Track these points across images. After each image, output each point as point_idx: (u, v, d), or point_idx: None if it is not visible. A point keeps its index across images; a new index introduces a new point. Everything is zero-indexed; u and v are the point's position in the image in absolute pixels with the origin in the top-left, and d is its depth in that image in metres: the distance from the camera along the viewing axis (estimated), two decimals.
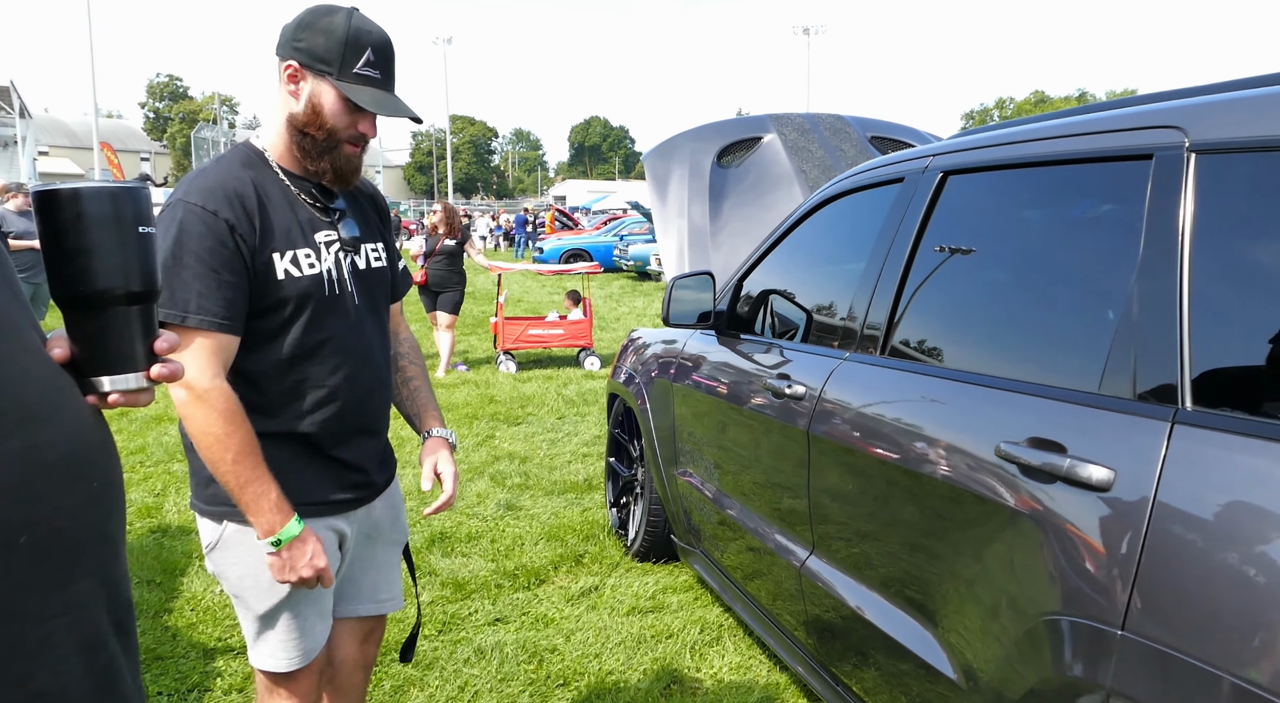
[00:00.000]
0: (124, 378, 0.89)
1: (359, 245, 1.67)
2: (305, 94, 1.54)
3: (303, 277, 1.56)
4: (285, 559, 1.52)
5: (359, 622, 1.84)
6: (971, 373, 1.72)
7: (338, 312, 1.61)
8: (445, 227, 8.07)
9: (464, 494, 4.63)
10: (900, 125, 4.35)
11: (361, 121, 1.57)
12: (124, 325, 0.89)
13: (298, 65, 1.53)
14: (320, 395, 1.60)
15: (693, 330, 3.17)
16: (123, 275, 0.88)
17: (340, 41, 1.51)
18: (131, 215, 0.89)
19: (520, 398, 7.08)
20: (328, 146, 1.56)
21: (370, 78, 1.54)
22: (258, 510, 1.48)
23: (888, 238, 2.14)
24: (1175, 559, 1.16)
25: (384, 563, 1.83)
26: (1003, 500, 1.49)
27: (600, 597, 3.38)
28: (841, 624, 2.08)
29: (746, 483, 2.69)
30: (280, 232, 1.55)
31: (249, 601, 1.62)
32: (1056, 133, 1.67)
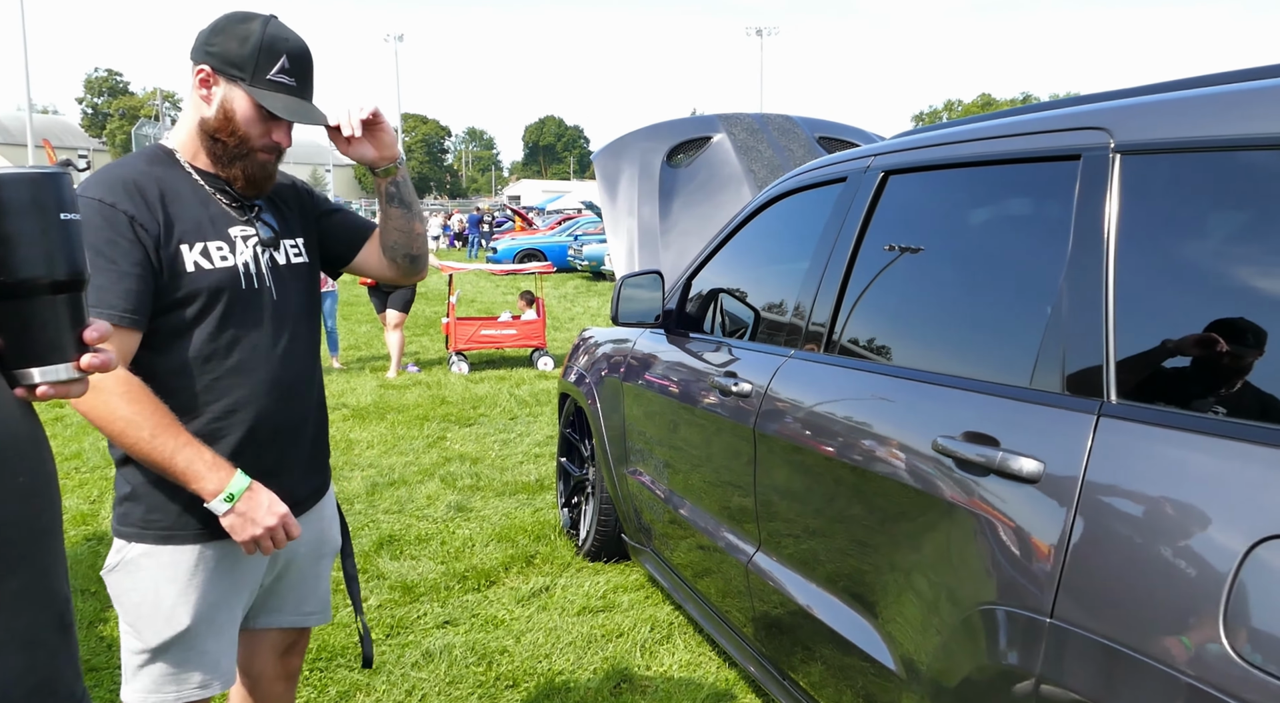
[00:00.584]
0: (54, 369, 0.87)
1: (278, 242, 1.63)
2: (217, 99, 1.51)
3: (214, 269, 1.51)
4: (243, 514, 1.45)
5: (281, 634, 1.77)
6: (911, 369, 1.75)
7: (254, 308, 1.56)
8: None
9: (413, 497, 4.58)
10: (847, 126, 4.41)
11: (275, 130, 1.55)
12: (51, 315, 0.87)
13: (210, 70, 1.50)
14: (238, 396, 1.53)
15: (642, 329, 3.17)
16: (46, 264, 0.86)
17: (255, 47, 1.49)
18: (53, 202, 0.86)
19: (472, 399, 7.02)
20: (239, 153, 1.54)
21: (284, 85, 1.52)
22: (197, 474, 1.41)
23: (831, 237, 2.17)
24: (1100, 548, 1.19)
25: (309, 575, 1.76)
26: (940, 494, 1.52)
27: (551, 597, 3.36)
28: (788, 620, 2.10)
29: (695, 481, 2.70)
30: (189, 223, 1.50)
31: (142, 630, 1.52)
32: (990, 134, 1.70)
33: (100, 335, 0.91)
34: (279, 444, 1.60)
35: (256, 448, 1.56)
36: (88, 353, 0.90)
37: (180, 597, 1.51)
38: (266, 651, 1.77)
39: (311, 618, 1.79)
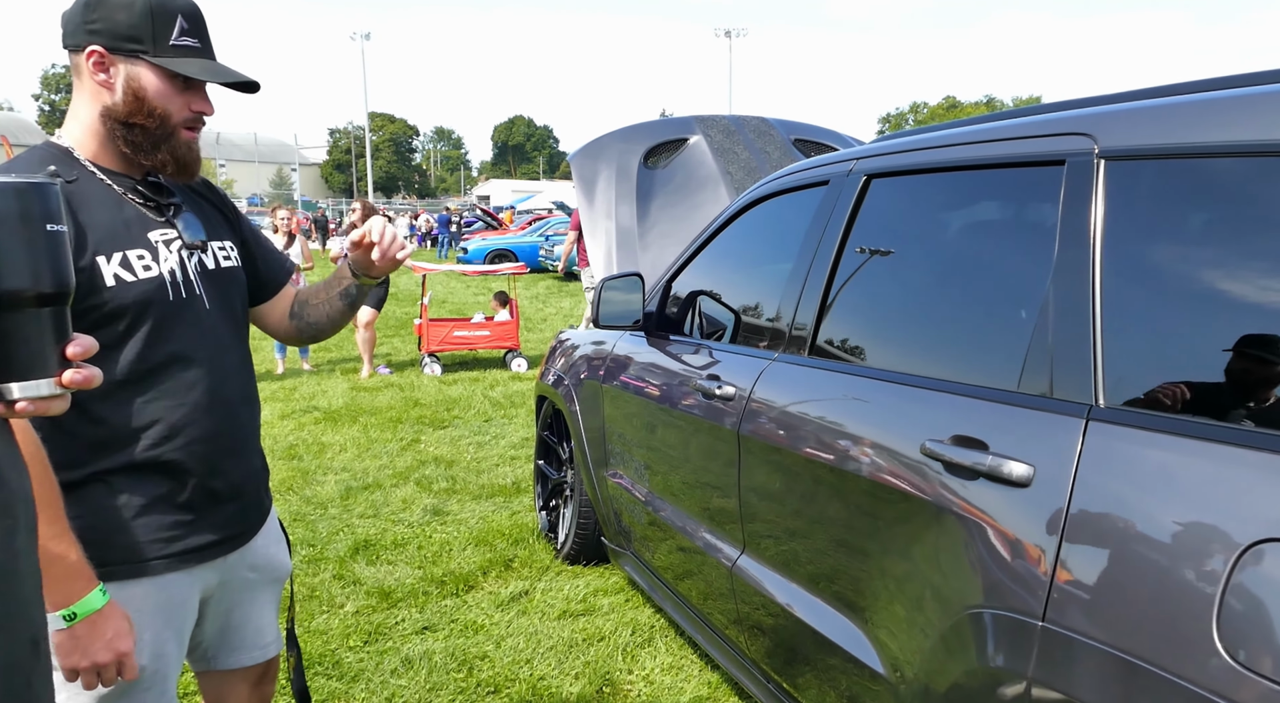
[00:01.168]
0: (34, 384, 0.84)
1: (205, 245, 1.48)
2: (120, 81, 1.35)
3: (138, 280, 1.36)
4: (78, 639, 1.26)
5: (247, 669, 1.67)
6: (897, 372, 1.75)
7: (187, 318, 1.42)
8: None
9: (388, 501, 4.53)
10: (822, 128, 4.43)
11: (194, 100, 1.40)
12: (34, 329, 0.84)
13: (103, 50, 1.34)
14: (179, 417, 1.40)
15: (622, 332, 3.16)
16: (31, 276, 0.82)
17: (145, 13, 1.33)
18: (40, 212, 0.83)
19: (446, 401, 6.96)
20: (163, 135, 1.38)
21: (190, 48, 1.37)
22: (49, 577, 1.19)
23: (814, 240, 2.17)
24: (1093, 552, 1.20)
25: (266, 604, 1.66)
26: (928, 498, 1.53)
27: (530, 601, 3.34)
28: (773, 623, 2.10)
29: (677, 484, 2.69)
30: (102, 232, 1.35)
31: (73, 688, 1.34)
32: (973, 138, 1.72)
33: (83, 350, 0.87)
34: (226, 466, 1.48)
35: (202, 473, 1.44)
36: (70, 369, 0.86)
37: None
38: (240, 684, 1.68)
39: (270, 648, 1.68)
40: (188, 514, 1.45)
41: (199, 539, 1.46)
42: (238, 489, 1.52)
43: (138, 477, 1.40)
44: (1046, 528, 1.27)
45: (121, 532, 1.37)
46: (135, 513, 1.38)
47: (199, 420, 1.44)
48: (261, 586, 1.64)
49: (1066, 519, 1.24)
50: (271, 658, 1.71)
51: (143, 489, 1.40)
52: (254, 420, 1.59)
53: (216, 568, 1.52)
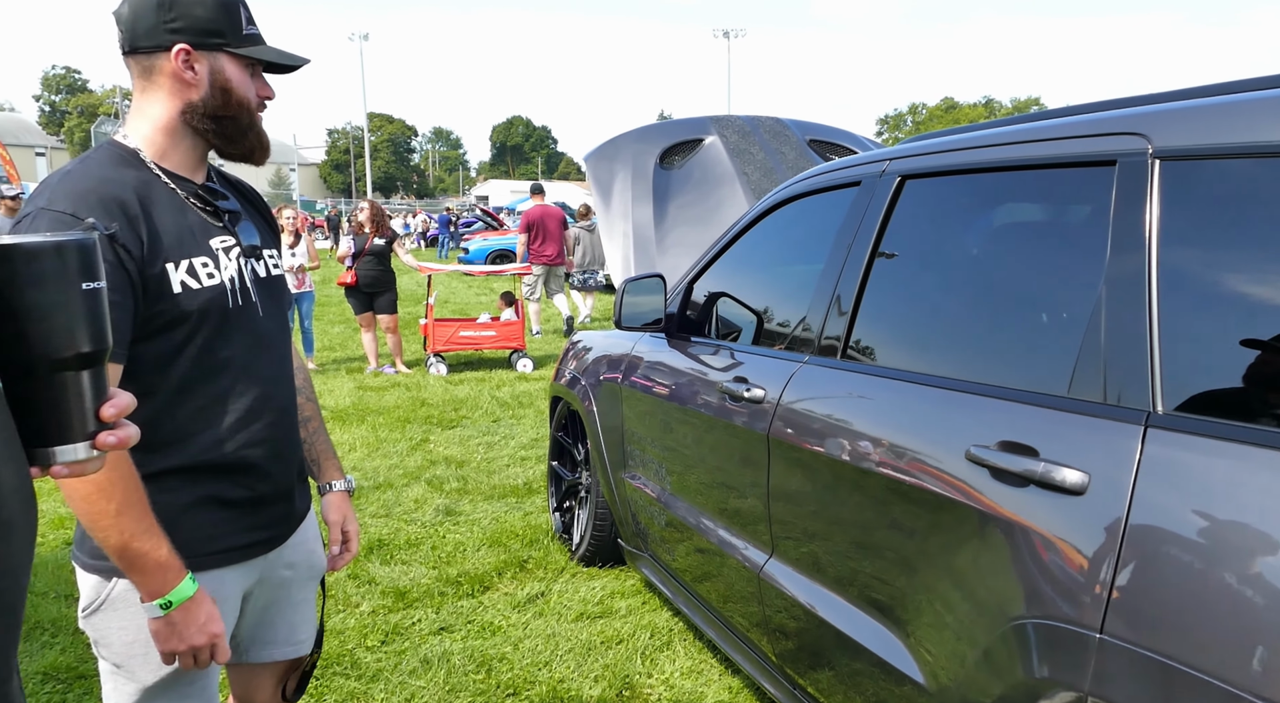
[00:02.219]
0: (71, 448, 0.81)
1: (259, 252, 1.51)
2: (205, 76, 1.37)
3: (203, 288, 1.37)
4: (175, 625, 1.31)
5: (276, 664, 1.67)
6: (938, 377, 1.74)
7: (244, 325, 1.44)
8: (372, 225, 7.88)
9: (400, 500, 4.51)
10: (837, 129, 4.42)
11: (261, 86, 1.44)
12: (71, 390, 0.80)
13: (189, 47, 1.35)
14: (232, 420, 1.42)
15: (641, 333, 3.15)
16: (68, 337, 0.79)
17: (219, 6, 1.36)
18: (79, 269, 0.79)
19: (453, 401, 6.94)
20: (249, 123, 1.42)
21: (257, 35, 1.41)
22: (143, 568, 1.27)
23: (845, 241, 2.16)
24: (1154, 561, 1.18)
25: (301, 601, 1.66)
26: (973, 504, 1.51)
27: (547, 603, 3.32)
28: (803, 628, 2.08)
29: (700, 486, 2.68)
30: (171, 239, 1.35)
31: (136, 670, 1.40)
32: (1017, 138, 1.70)
33: (118, 411, 0.83)
34: (273, 468, 1.50)
35: (253, 475, 1.46)
36: (104, 431, 0.83)
37: None
38: (268, 679, 1.68)
39: (304, 645, 1.69)
40: (238, 513, 1.46)
41: (247, 537, 1.49)
42: (282, 490, 1.54)
43: (193, 477, 1.41)
44: (1104, 537, 1.25)
45: (176, 529, 1.38)
46: (190, 511, 1.40)
47: (252, 424, 1.45)
48: (298, 583, 1.65)
49: (1126, 528, 1.22)
50: (301, 656, 1.71)
51: (197, 489, 1.41)
52: (296, 423, 1.60)
53: (258, 565, 1.54)
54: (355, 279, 7.84)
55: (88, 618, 1.41)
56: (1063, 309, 1.53)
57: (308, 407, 1.73)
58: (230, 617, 1.50)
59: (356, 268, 7.84)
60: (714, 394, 2.52)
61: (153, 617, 1.31)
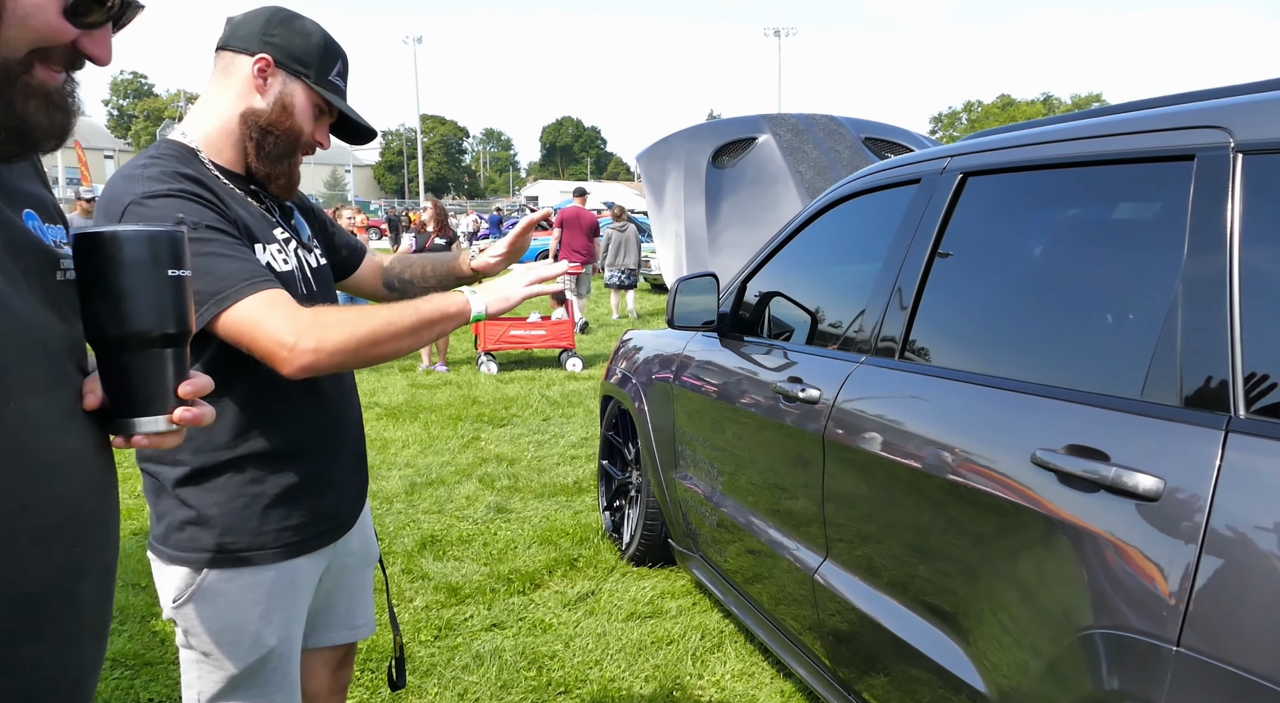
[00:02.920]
0: (152, 420, 0.89)
1: (311, 246, 1.59)
2: (274, 91, 1.44)
3: (281, 273, 1.44)
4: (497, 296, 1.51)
5: (331, 650, 1.72)
6: (1001, 378, 1.69)
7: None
8: (435, 224, 8.02)
9: (452, 497, 4.56)
10: (893, 127, 4.35)
11: (319, 131, 1.52)
12: (156, 367, 0.89)
13: (271, 60, 1.44)
14: (309, 410, 1.48)
15: (693, 333, 3.13)
16: (157, 317, 0.88)
17: (320, 46, 1.47)
18: (168, 257, 0.89)
19: (503, 399, 7.00)
20: (290, 150, 1.48)
21: (340, 88, 1.51)
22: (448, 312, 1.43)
23: (904, 240, 2.12)
24: (1236, 572, 1.13)
25: (358, 587, 1.71)
26: (1038, 509, 1.47)
27: (597, 602, 3.33)
28: (857, 632, 2.05)
29: (752, 487, 2.65)
30: (251, 224, 1.43)
31: (224, 660, 1.45)
32: (1089, 133, 1.65)
33: (195, 390, 0.92)
34: (343, 456, 1.56)
35: (325, 463, 1.51)
36: (181, 407, 0.91)
37: (264, 619, 1.45)
38: (320, 668, 1.72)
39: (361, 630, 1.74)
40: (313, 502, 1.51)
41: (321, 526, 1.53)
42: (349, 475, 1.59)
43: (271, 465, 1.45)
44: (1180, 546, 1.20)
45: (256, 519, 1.43)
46: (268, 501, 1.44)
47: (324, 413, 1.51)
48: (358, 568, 1.70)
49: (1205, 536, 1.17)
50: (354, 642, 1.75)
51: (275, 477, 1.45)
52: (359, 410, 1.66)
53: (327, 552, 1.58)
54: None
55: (178, 609, 1.45)
56: (1135, 309, 1.48)
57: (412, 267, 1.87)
58: (306, 604, 1.55)
59: None
60: (767, 394, 2.49)
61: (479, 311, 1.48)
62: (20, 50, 0.74)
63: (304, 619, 1.56)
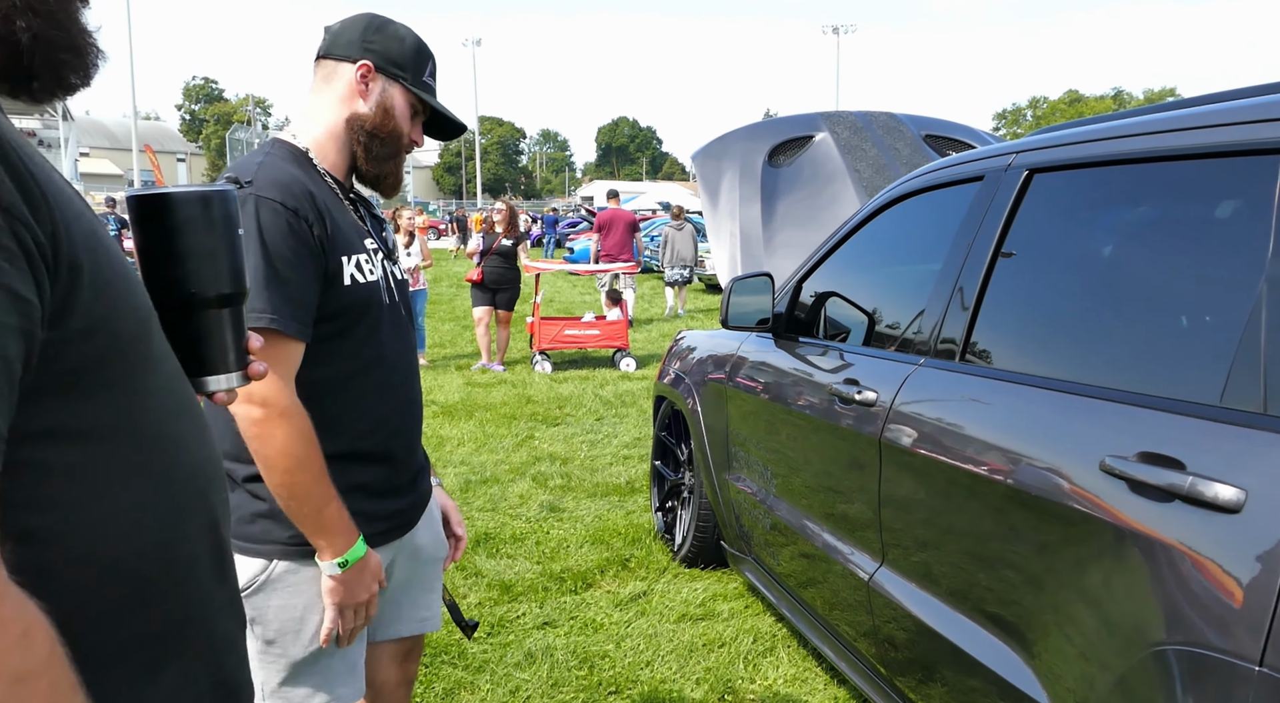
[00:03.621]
0: (227, 377, 0.92)
1: (394, 255, 1.64)
2: (375, 95, 1.50)
3: (365, 283, 1.49)
4: (348, 582, 1.42)
5: (398, 643, 1.75)
6: (1068, 382, 1.63)
7: (391, 322, 1.55)
8: (505, 226, 8.14)
9: (505, 495, 4.59)
10: (955, 123, 4.25)
11: (415, 130, 1.56)
12: (220, 326, 0.91)
13: (372, 66, 1.49)
14: (382, 412, 1.53)
15: (747, 333, 3.10)
16: (214, 278, 0.89)
17: (414, 49, 1.52)
18: (222, 218, 0.89)
19: (557, 399, 7.04)
20: (394, 151, 1.53)
21: (432, 88, 1.56)
22: (332, 531, 1.39)
23: (966, 239, 2.06)
24: None
25: (426, 581, 1.74)
26: (1108, 519, 1.41)
27: (649, 603, 3.32)
28: (914, 640, 2.00)
29: (806, 490, 2.61)
30: (345, 234, 1.48)
31: (288, 647, 1.49)
32: (1163, 127, 1.58)
33: (260, 345, 0.95)
34: (409, 458, 1.60)
35: (394, 462, 1.56)
36: (250, 362, 0.94)
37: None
38: (387, 660, 1.75)
39: (427, 623, 1.76)
40: (381, 498, 1.55)
41: (386, 523, 1.57)
42: (414, 476, 1.63)
43: (344, 463, 1.48)
44: (1264, 560, 1.14)
45: None
46: (341, 496, 1.46)
47: (395, 416, 1.56)
48: (424, 563, 1.73)
49: None
50: (420, 635, 1.78)
51: (348, 475, 1.48)
52: (422, 412, 1.71)
53: (393, 548, 1.61)
54: (481, 276, 8.08)
55: (247, 598, 1.49)
56: (1214, 311, 1.41)
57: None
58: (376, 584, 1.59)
59: (483, 265, 8.09)
60: (823, 396, 2.45)
61: (330, 575, 1.43)
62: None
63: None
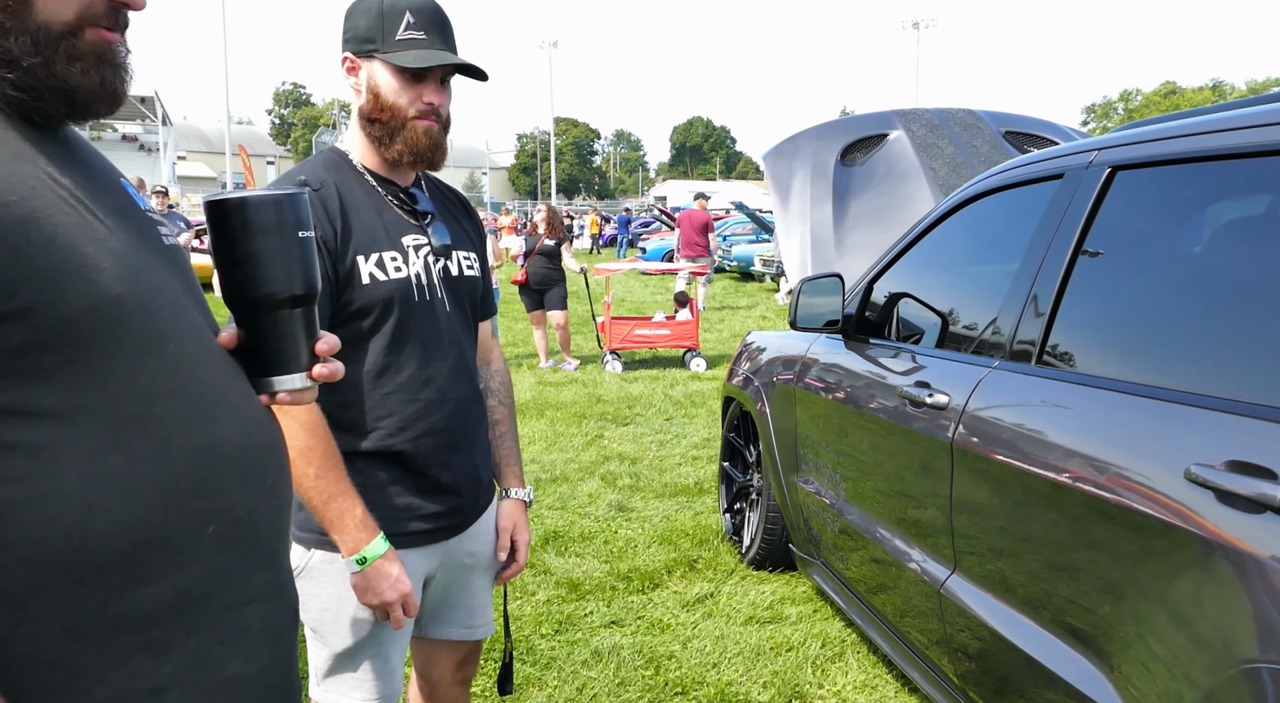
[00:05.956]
0: (290, 378, 0.92)
1: (450, 252, 1.58)
2: (363, 81, 1.48)
3: (389, 280, 1.47)
4: (369, 580, 1.42)
5: (451, 645, 1.74)
6: (1149, 386, 1.57)
7: (427, 319, 1.52)
8: (546, 226, 8.21)
9: (575, 494, 4.64)
10: (1038, 120, 4.12)
11: (425, 91, 1.46)
12: (290, 327, 0.92)
13: (351, 55, 1.48)
14: (413, 410, 1.50)
15: (817, 334, 3.07)
16: (286, 279, 0.90)
17: (377, 14, 1.44)
18: (293, 221, 0.91)
19: (627, 398, 7.08)
20: (396, 127, 1.47)
21: (416, 40, 1.45)
22: (342, 527, 1.39)
23: (1044, 239, 2.00)
24: None
25: (479, 589, 1.72)
26: (1193, 529, 1.35)
27: (716, 604, 3.31)
28: (989, 650, 1.95)
29: (876, 494, 2.57)
30: (364, 234, 1.47)
31: (328, 636, 1.52)
32: (1259, 121, 1.50)
33: (330, 347, 0.94)
34: (452, 460, 1.56)
35: (430, 465, 1.53)
36: (318, 364, 0.93)
37: (361, 604, 1.48)
38: (444, 658, 1.76)
39: (478, 631, 1.75)
40: (414, 500, 1.54)
41: (422, 525, 1.55)
42: (461, 481, 1.59)
43: (375, 462, 1.50)
44: None
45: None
46: (369, 494, 1.48)
47: (430, 416, 1.53)
48: (478, 571, 1.71)
49: None
50: (477, 641, 1.77)
51: (378, 474, 1.50)
52: (481, 418, 1.66)
53: (438, 551, 1.61)
54: (525, 277, 8.17)
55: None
56: None
57: (499, 410, 1.77)
58: (419, 584, 1.58)
59: (527, 266, 8.18)
60: (893, 399, 2.41)
61: (352, 572, 1.43)
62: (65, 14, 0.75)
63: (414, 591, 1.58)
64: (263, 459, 0.87)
